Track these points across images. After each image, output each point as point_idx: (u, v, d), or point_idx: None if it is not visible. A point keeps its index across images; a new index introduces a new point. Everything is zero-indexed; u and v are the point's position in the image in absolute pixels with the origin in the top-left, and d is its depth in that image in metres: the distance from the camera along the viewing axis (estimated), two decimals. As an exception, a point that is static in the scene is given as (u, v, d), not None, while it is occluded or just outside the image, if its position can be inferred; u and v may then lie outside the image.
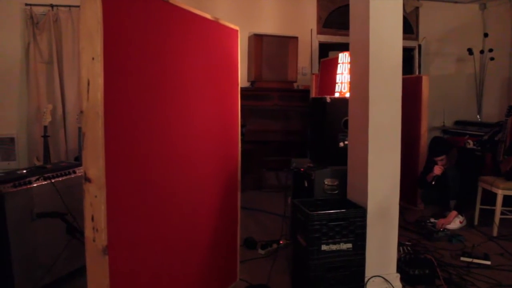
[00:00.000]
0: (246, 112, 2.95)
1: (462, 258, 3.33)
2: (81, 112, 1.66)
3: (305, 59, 6.78)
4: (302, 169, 3.50)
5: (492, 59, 6.77)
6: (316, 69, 6.67)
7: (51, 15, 5.51)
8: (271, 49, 6.10)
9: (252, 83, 6.23)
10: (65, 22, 5.56)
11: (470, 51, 6.81)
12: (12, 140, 5.50)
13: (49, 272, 2.78)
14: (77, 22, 5.54)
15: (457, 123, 7.04)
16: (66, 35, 5.57)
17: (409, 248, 3.43)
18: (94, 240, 1.66)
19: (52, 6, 5.50)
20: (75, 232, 2.78)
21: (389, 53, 2.74)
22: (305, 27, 6.81)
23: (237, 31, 2.75)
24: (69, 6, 5.53)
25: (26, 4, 5.44)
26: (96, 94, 1.61)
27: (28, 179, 2.72)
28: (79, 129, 4.67)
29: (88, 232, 1.67)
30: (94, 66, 1.61)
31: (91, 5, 1.60)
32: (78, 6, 5.34)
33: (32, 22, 5.46)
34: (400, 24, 2.76)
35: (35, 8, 5.47)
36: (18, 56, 5.52)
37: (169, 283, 2.15)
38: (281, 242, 3.64)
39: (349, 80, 3.38)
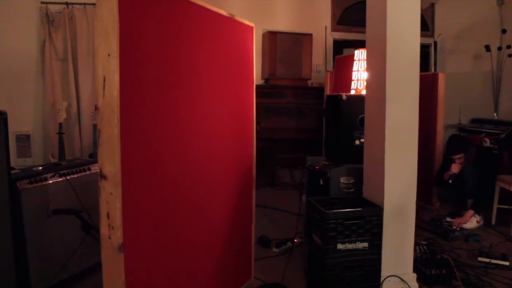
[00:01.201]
0: (260, 109, 2.92)
1: (479, 258, 3.28)
2: (97, 108, 1.65)
3: (319, 57, 6.74)
4: (317, 167, 3.47)
5: (510, 56, 6.65)
6: (330, 67, 6.62)
7: (66, 13, 5.55)
8: (285, 46, 6.07)
9: (266, 80, 6.21)
10: (80, 19, 5.59)
11: (487, 48, 6.70)
12: (28, 137, 5.55)
13: (64, 269, 2.80)
14: (92, 20, 5.58)
15: (473, 121, 6.93)
16: (81, 33, 5.60)
17: (425, 247, 3.39)
18: (109, 238, 1.65)
19: (67, 4, 5.54)
20: (90, 229, 2.79)
21: (406, 50, 2.70)
22: (320, 24, 6.76)
23: (252, 27, 2.73)
24: (84, 4, 5.57)
25: (42, 2, 5.49)
26: (112, 90, 1.60)
27: (44, 175, 2.73)
28: (94, 126, 4.72)
29: (104, 230, 1.66)
30: (110, 63, 1.60)
31: (107, 2, 1.59)
32: (93, 4, 5.46)
33: (48, 20, 5.51)
34: (417, 21, 2.71)
35: (50, 6, 5.51)
36: (34, 54, 5.57)
37: (184, 281, 2.14)
38: (295, 240, 3.62)
39: (365, 77, 3.34)
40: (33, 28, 5.54)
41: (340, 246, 2.63)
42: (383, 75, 2.69)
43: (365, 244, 2.68)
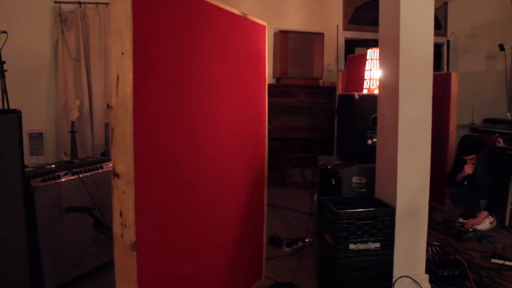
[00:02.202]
0: (271, 109, 2.92)
1: (493, 260, 3.25)
2: (110, 107, 1.66)
3: (331, 56, 6.72)
4: (329, 167, 3.46)
5: (524, 55, 6.57)
6: (342, 66, 6.60)
7: (78, 12, 5.58)
8: (296, 46, 6.06)
9: (278, 79, 6.20)
10: (92, 19, 5.63)
11: (501, 47, 6.61)
12: (41, 135, 5.60)
13: (76, 266, 2.81)
14: (104, 19, 5.61)
15: (486, 121, 6.84)
16: (93, 32, 5.64)
17: (437, 248, 3.36)
18: (122, 236, 1.66)
19: (79, 3, 5.58)
20: (102, 227, 2.81)
21: (420, 49, 2.67)
22: (331, 23, 6.74)
23: (264, 27, 2.72)
24: (97, 3, 5.60)
25: (55, 2, 5.53)
26: (125, 89, 1.60)
27: (57, 173, 2.76)
28: (106, 124, 4.75)
29: (117, 228, 1.66)
30: (123, 61, 1.60)
31: (121, 1, 1.59)
32: (105, 3, 5.49)
33: (61, 19, 5.55)
34: (431, 19, 2.69)
35: (63, 6, 5.55)
36: (47, 53, 5.62)
37: (196, 279, 2.14)
38: (306, 240, 3.61)
39: (378, 76, 3.32)
40: (46, 28, 5.59)
41: (352, 246, 2.61)
42: (396, 74, 2.67)
43: (377, 245, 2.66)
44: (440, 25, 7.12)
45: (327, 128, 6.14)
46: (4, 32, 3.68)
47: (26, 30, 5.37)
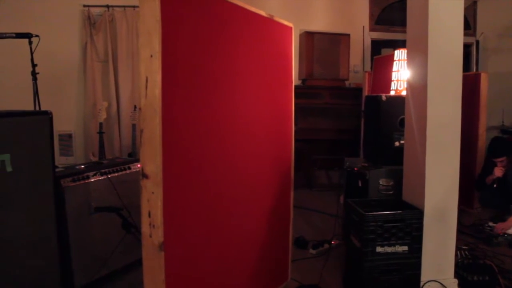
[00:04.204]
0: (296, 110, 2.91)
1: (525, 265, 3.17)
2: (139, 109, 1.68)
3: (357, 57, 6.66)
4: (356, 169, 3.43)
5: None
6: (368, 67, 6.53)
7: (107, 16, 5.68)
8: (322, 47, 6.04)
9: (303, 81, 6.18)
10: (120, 22, 5.71)
11: (532, 47, 6.46)
12: (70, 136, 5.72)
13: (105, 265, 2.86)
14: (131, 22, 5.69)
15: (518, 122, 6.70)
16: (120, 35, 5.72)
17: (467, 252, 3.29)
18: (150, 236, 1.68)
19: (108, 6, 5.67)
20: (130, 227, 2.85)
21: (449, 49, 2.63)
22: (357, 24, 6.68)
23: (291, 28, 2.72)
24: (124, 6, 5.68)
25: (84, 6, 5.64)
26: (154, 91, 1.62)
27: (86, 174, 2.81)
28: (133, 125, 4.80)
29: (145, 228, 1.68)
30: (152, 64, 1.62)
31: (150, 3, 1.62)
32: (132, 6, 5.57)
33: (90, 23, 5.65)
34: (461, 18, 2.64)
35: (92, 9, 5.66)
36: (76, 56, 5.74)
37: (222, 280, 2.15)
38: (333, 242, 3.59)
39: (405, 77, 3.28)
40: (75, 31, 5.71)
41: (379, 249, 2.58)
42: (424, 75, 2.63)
43: (405, 248, 2.63)
44: (469, 25, 6.98)
45: (353, 130, 6.08)
46: (37, 36, 3.78)
47: (56, 34, 5.48)
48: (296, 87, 2.89)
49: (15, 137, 2.28)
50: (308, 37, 6.03)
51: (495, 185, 4.16)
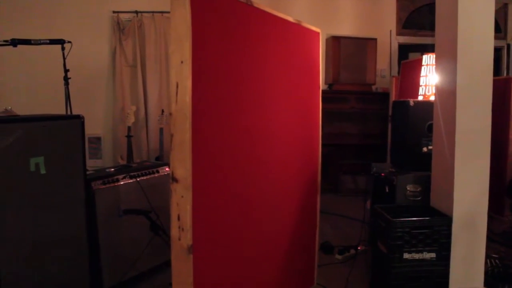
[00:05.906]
0: (323, 114, 2.91)
1: (558, 275, 3.08)
2: (170, 114, 1.71)
3: (384, 61, 6.60)
4: (383, 174, 3.40)
5: None
6: (395, 71, 6.46)
7: (135, 21, 5.78)
8: (349, 51, 6.02)
9: (330, 85, 6.17)
10: (148, 27, 5.81)
11: None
12: (98, 139, 5.83)
13: (133, 267, 2.91)
14: (159, 27, 5.78)
15: (550, 128, 6.51)
16: (149, 40, 5.82)
17: (497, 261, 3.22)
18: (179, 239, 1.70)
19: (136, 12, 5.77)
20: (158, 229, 2.89)
21: (479, 53, 2.58)
22: (384, 28, 6.62)
23: (318, 33, 2.72)
24: (152, 12, 5.77)
25: (114, 12, 5.75)
26: (184, 96, 1.65)
27: (115, 177, 2.87)
28: (160, 129, 4.87)
29: (174, 231, 1.71)
30: (182, 69, 1.65)
31: (181, 10, 1.64)
32: (160, 12, 5.66)
33: (119, 28, 5.77)
34: (491, 21, 2.60)
35: (121, 15, 5.77)
36: (106, 60, 5.86)
37: (249, 284, 2.16)
38: (359, 248, 3.56)
39: (434, 82, 3.24)
40: (105, 36, 5.83)
41: (406, 256, 2.56)
42: (453, 80, 2.59)
43: (433, 255, 2.59)
44: (499, 28, 6.84)
45: (380, 135, 6.03)
46: (69, 42, 3.88)
47: (87, 39, 5.61)
48: (322, 91, 2.89)
49: (49, 141, 2.35)
50: (334, 41, 6.02)
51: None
